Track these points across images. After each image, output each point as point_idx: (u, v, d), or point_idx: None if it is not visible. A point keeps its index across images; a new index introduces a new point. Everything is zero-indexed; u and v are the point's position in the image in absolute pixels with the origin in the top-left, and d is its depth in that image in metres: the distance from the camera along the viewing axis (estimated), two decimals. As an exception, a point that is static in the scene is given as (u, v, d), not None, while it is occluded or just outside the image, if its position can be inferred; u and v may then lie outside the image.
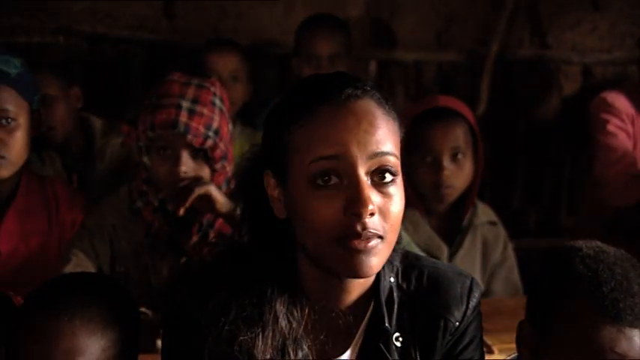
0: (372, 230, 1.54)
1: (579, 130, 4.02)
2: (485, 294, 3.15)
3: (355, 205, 1.53)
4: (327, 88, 1.62)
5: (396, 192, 1.59)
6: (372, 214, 1.53)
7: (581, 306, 1.86)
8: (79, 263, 2.71)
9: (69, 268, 2.63)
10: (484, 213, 3.31)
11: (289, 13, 4.41)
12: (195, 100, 2.70)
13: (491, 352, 2.51)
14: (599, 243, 1.98)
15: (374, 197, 1.55)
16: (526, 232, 3.44)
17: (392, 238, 1.61)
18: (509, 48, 4.64)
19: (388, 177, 1.57)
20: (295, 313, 1.67)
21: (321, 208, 1.57)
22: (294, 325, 1.66)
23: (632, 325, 1.81)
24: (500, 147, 3.94)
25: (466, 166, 3.16)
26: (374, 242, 1.56)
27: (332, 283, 1.66)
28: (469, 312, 1.77)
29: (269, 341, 1.63)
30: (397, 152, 1.61)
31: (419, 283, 1.77)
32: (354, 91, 1.60)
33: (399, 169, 1.60)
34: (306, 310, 1.68)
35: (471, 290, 1.78)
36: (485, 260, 3.26)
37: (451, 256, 3.22)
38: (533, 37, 4.71)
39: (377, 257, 1.59)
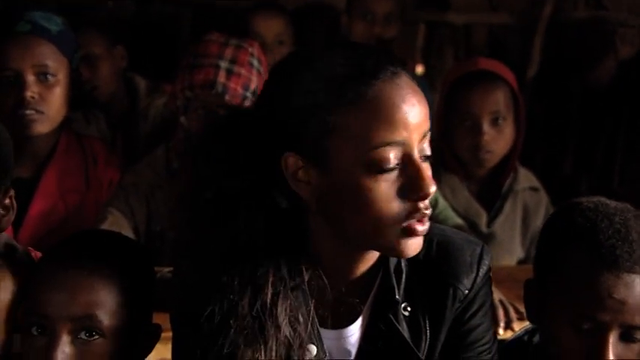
0: (427, 211, 1.57)
1: (636, 94, 4.01)
2: (524, 261, 3.18)
3: (422, 187, 1.54)
4: (368, 63, 1.56)
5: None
6: (424, 208, 1.56)
7: (581, 255, 1.90)
8: (115, 222, 2.74)
9: (105, 226, 2.66)
10: (526, 178, 3.28)
11: None
12: (233, 61, 2.72)
13: (522, 318, 2.46)
14: (601, 198, 2.04)
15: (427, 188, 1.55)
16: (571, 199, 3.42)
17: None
18: (563, 9, 4.59)
19: (428, 152, 1.59)
20: (300, 317, 1.64)
21: (382, 192, 1.55)
22: (299, 330, 1.63)
23: (631, 271, 1.85)
24: (553, 111, 3.92)
25: (507, 131, 3.13)
26: (428, 224, 1.59)
27: (350, 258, 1.68)
28: (479, 279, 1.77)
29: (273, 354, 1.61)
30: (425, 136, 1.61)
31: (428, 251, 1.73)
32: (393, 68, 1.56)
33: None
34: (309, 278, 1.66)
35: (481, 257, 1.77)
36: (525, 227, 3.24)
37: (490, 221, 3.20)
38: None
39: (423, 238, 1.62)
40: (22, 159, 2.79)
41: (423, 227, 1.57)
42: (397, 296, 1.71)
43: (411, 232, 1.57)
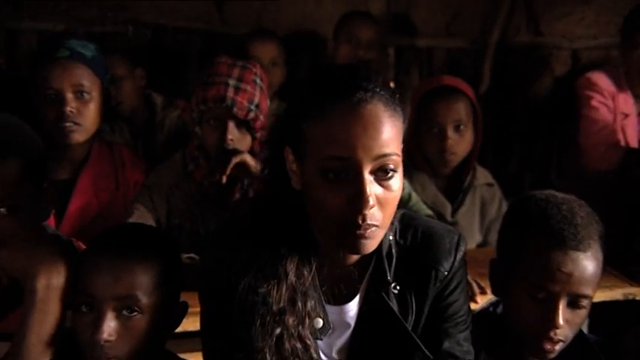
0: (370, 222, 1.54)
1: (567, 105, 3.98)
2: (482, 244, 3.23)
3: (358, 201, 1.52)
4: (341, 88, 1.57)
5: (395, 182, 1.59)
6: (371, 208, 1.54)
7: (535, 237, 1.99)
8: (141, 216, 2.74)
9: (132, 220, 2.68)
10: (482, 175, 3.33)
11: (319, 8, 4.39)
12: (240, 79, 2.72)
13: (484, 292, 2.58)
14: (551, 191, 2.13)
15: (375, 189, 1.55)
16: (521, 192, 3.41)
17: (387, 224, 1.62)
18: (507, 36, 4.62)
19: (390, 173, 1.56)
20: (305, 272, 1.67)
21: (328, 197, 1.56)
22: (302, 281, 1.66)
23: (576, 249, 1.94)
24: (501, 120, 3.91)
25: (467, 136, 3.18)
26: (371, 230, 1.56)
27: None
28: (456, 263, 1.78)
29: (282, 293, 1.64)
30: (399, 149, 1.60)
31: (414, 239, 1.78)
32: (364, 95, 1.55)
33: (399, 163, 1.60)
34: (315, 264, 1.69)
35: (458, 244, 1.80)
36: (482, 216, 3.27)
37: (454, 212, 3.24)
38: (529, 26, 4.67)
39: (373, 240, 1.60)
40: (62, 163, 2.84)
41: (360, 232, 1.56)
42: (388, 277, 1.74)
43: (351, 235, 1.57)
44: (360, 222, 1.53)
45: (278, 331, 1.62)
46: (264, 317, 1.63)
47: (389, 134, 1.55)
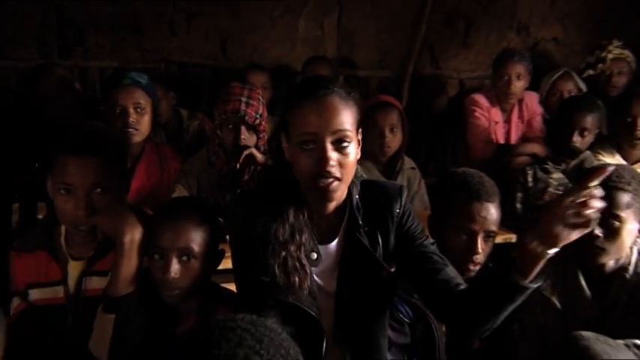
0: (333, 175, 1.58)
1: (458, 116, 4.01)
2: None
3: (323, 161, 1.57)
4: (310, 88, 1.62)
5: (351, 151, 1.61)
6: (332, 166, 1.57)
7: (460, 194, 2.01)
8: (180, 192, 2.73)
9: (174, 195, 2.66)
10: (408, 162, 3.31)
11: (293, 50, 4.39)
12: (249, 97, 2.73)
13: None
14: (464, 167, 2.19)
15: (335, 155, 1.58)
16: (428, 174, 3.43)
17: (347, 180, 1.64)
18: (418, 69, 4.63)
19: (345, 143, 1.59)
20: (300, 216, 1.68)
21: (304, 161, 1.60)
22: (298, 222, 1.68)
23: (488, 201, 1.99)
24: (414, 126, 3.83)
25: (398, 135, 3.18)
26: (335, 183, 1.60)
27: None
28: (403, 202, 1.78)
29: (285, 229, 1.66)
30: (353, 126, 1.62)
31: (372, 194, 1.77)
32: (325, 91, 1.59)
33: (353, 138, 1.62)
34: (306, 212, 1.70)
35: (401, 190, 1.79)
36: (409, 189, 3.22)
37: (392, 182, 3.25)
38: (431, 63, 4.71)
39: (337, 191, 1.63)
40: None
41: (325, 184, 1.59)
42: (360, 221, 1.73)
43: (320, 186, 1.60)
44: (326, 176, 1.57)
45: (283, 254, 1.64)
46: (274, 245, 1.65)
47: (343, 117, 1.58)
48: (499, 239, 2.73)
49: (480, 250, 1.95)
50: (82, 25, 4.08)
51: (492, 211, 1.97)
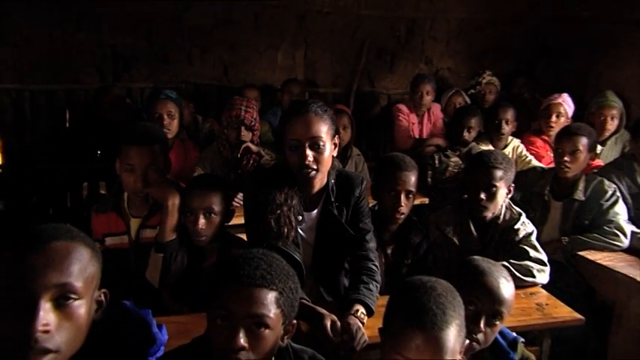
0: (311, 167, 1.57)
1: (387, 119, 3.98)
2: None
3: (302, 158, 1.56)
4: (296, 109, 1.59)
5: (325, 150, 1.58)
6: (310, 162, 1.56)
7: (388, 168, 1.96)
8: (199, 172, 2.64)
9: (196, 174, 2.58)
10: (355, 151, 3.19)
11: (273, 74, 4.32)
12: (247, 106, 2.65)
13: None
14: (393, 153, 2.09)
15: (312, 154, 1.56)
16: (368, 159, 3.39)
17: (324, 169, 1.62)
18: (360, 87, 4.58)
19: (320, 147, 1.57)
20: (292, 190, 1.65)
21: (291, 158, 1.59)
22: (291, 192, 1.65)
23: (407, 170, 1.93)
24: (358, 126, 3.75)
25: (348, 132, 3.09)
26: (312, 173, 1.59)
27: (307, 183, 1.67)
28: (363, 188, 1.77)
29: (281, 195, 1.63)
30: (327, 133, 1.58)
31: (341, 180, 1.74)
32: (307, 109, 1.56)
33: (327, 140, 1.58)
34: (296, 190, 1.66)
35: (362, 181, 1.78)
36: (356, 169, 3.15)
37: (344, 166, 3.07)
38: (369, 83, 4.66)
39: (315, 179, 1.62)
40: None
41: (305, 173, 1.58)
42: (332, 199, 1.71)
43: (302, 175, 1.59)
44: (306, 168, 1.57)
45: (278, 212, 1.62)
46: (272, 206, 1.62)
47: (318, 127, 1.56)
48: (417, 202, 2.76)
49: (402, 204, 1.93)
50: (128, 58, 3.99)
51: (411, 177, 1.94)
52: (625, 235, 2.27)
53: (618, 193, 2.35)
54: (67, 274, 0.89)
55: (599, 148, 3.06)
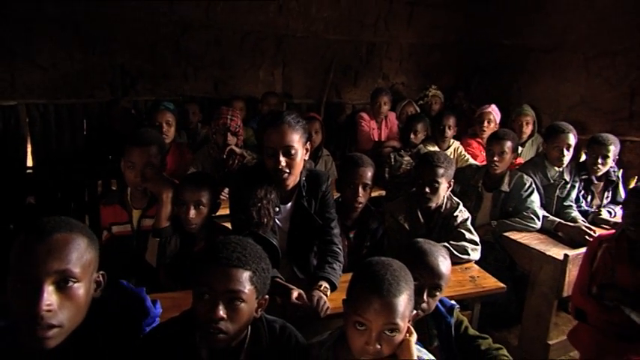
0: (284, 170, 1.52)
1: (352, 125, 3.93)
2: None
3: (276, 163, 1.51)
4: (272, 120, 1.52)
5: (297, 156, 1.52)
6: (283, 166, 1.50)
7: (349, 165, 1.92)
8: (193, 170, 2.56)
9: (189, 172, 2.50)
10: (325, 152, 3.09)
11: (256, 87, 4.23)
12: (232, 115, 2.58)
13: None
14: (355, 153, 1.98)
15: (285, 159, 1.50)
16: (336, 159, 3.29)
17: (295, 172, 1.56)
18: (329, 98, 4.53)
19: (292, 152, 1.50)
20: (271, 187, 1.60)
21: (267, 162, 1.54)
22: (269, 188, 1.60)
23: (363, 166, 1.87)
24: (328, 131, 3.55)
25: (319, 135, 3.00)
26: (285, 175, 1.53)
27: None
28: (328, 184, 1.72)
29: (261, 190, 1.58)
30: (299, 142, 1.51)
31: (311, 177, 1.69)
32: (281, 120, 1.50)
33: (299, 147, 1.51)
34: (274, 186, 1.61)
35: (328, 177, 1.73)
36: (325, 167, 3.08)
37: (316, 164, 3.06)
38: (337, 94, 4.62)
39: (289, 179, 1.56)
40: None
41: (279, 175, 1.53)
42: (304, 193, 1.67)
43: (277, 177, 1.54)
44: (279, 171, 1.52)
45: (259, 205, 1.58)
46: (254, 199, 1.58)
47: (290, 136, 1.50)
48: (375, 194, 2.73)
49: (360, 195, 1.89)
50: (135, 75, 3.89)
51: (367, 172, 1.90)
52: (538, 218, 2.32)
53: (533, 185, 2.40)
54: (67, 262, 0.88)
55: (520, 149, 3.13)
